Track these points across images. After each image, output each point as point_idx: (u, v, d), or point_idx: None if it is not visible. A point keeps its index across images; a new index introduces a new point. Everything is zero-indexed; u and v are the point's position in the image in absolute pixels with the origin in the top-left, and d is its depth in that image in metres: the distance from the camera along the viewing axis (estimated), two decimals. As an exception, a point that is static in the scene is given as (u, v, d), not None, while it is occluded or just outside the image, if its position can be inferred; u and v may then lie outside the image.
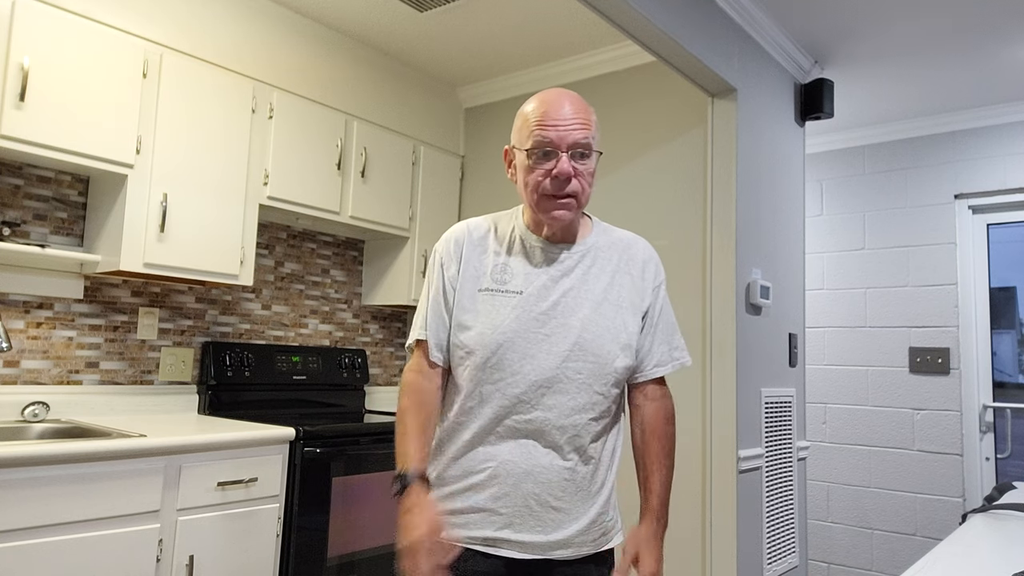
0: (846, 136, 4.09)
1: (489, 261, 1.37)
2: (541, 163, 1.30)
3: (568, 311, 1.32)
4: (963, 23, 2.82)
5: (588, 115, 1.32)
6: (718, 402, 2.66)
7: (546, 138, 1.29)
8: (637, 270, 1.41)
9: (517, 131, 1.36)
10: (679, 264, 2.90)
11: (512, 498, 1.28)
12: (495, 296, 1.33)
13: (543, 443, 1.29)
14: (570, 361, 1.30)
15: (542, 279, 1.34)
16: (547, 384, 1.29)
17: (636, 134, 3.10)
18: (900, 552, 3.74)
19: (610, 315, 1.34)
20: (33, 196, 2.46)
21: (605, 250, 1.40)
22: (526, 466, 1.28)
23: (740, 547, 2.59)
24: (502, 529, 1.28)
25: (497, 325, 1.30)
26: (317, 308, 3.37)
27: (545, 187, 1.30)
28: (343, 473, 2.56)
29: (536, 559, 1.29)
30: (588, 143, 1.31)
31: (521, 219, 1.41)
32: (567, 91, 1.34)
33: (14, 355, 2.40)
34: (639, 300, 1.39)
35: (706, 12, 2.55)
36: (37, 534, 1.82)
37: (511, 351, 1.29)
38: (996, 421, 3.66)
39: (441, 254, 1.40)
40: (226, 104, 2.64)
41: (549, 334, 1.30)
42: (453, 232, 1.42)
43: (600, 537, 1.35)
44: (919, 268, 3.83)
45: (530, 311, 1.31)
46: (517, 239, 1.38)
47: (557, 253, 1.36)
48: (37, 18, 2.16)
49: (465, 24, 3.03)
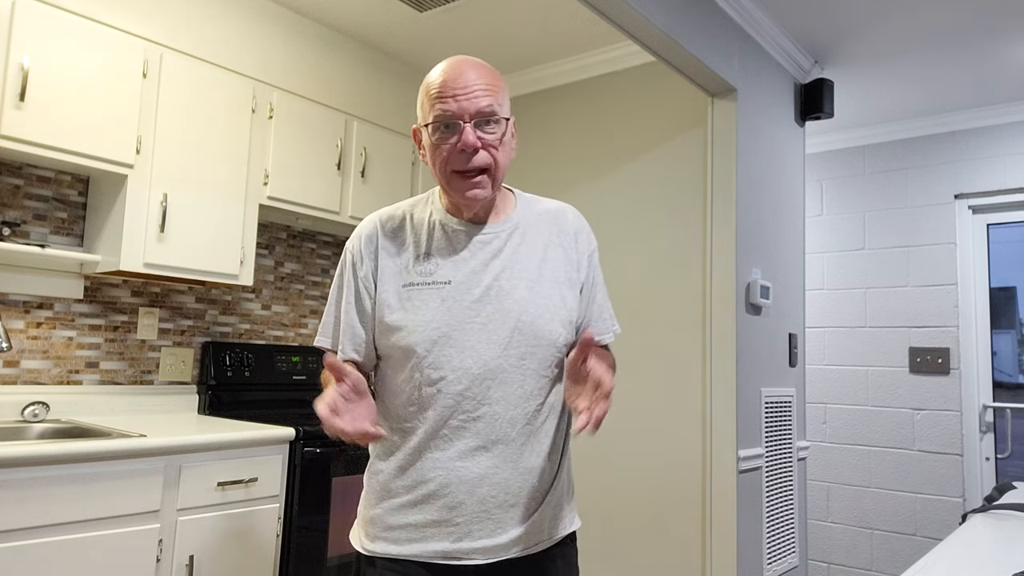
0: (846, 136, 4.09)
1: (409, 253, 1.27)
2: (446, 137, 1.20)
3: (503, 295, 1.22)
4: (963, 23, 2.81)
5: (492, 79, 1.22)
6: (718, 402, 2.66)
7: (447, 110, 1.19)
8: (569, 241, 1.32)
9: (420, 106, 1.25)
10: (679, 264, 2.91)
11: (468, 506, 1.20)
12: (422, 290, 1.23)
13: (494, 440, 1.20)
14: (511, 348, 1.21)
15: (470, 264, 1.24)
16: (491, 376, 1.20)
17: (636, 134, 3.10)
18: (900, 552, 3.73)
19: (547, 292, 1.25)
20: (33, 196, 2.46)
21: (533, 224, 1.31)
22: (479, 470, 1.20)
23: (740, 547, 2.59)
24: (460, 540, 1.20)
25: (429, 320, 1.21)
26: (317, 308, 3.37)
27: (452, 162, 1.20)
28: (343, 473, 2.56)
29: (498, 561, 1.22)
30: (493, 110, 1.20)
31: (438, 202, 1.31)
32: (469, 58, 1.24)
33: (14, 355, 2.40)
34: (575, 272, 1.31)
35: (706, 12, 2.55)
36: (37, 534, 1.82)
37: (447, 346, 1.20)
38: (996, 421, 3.66)
39: (352, 253, 1.31)
40: (226, 104, 2.64)
41: (485, 322, 1.21)
42: (363, 228, 1.32)
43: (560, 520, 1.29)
44: (919, 268, 3.83)
45: (462, 300, 1.22)
46: (437, 225, 1.28)
47: (482, 234, 1.26)
48: (37, 18, 2.16)
49: (465, 24, 3.03)
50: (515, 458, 1.22)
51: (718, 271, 2.72)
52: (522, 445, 1.22)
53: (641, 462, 2.91)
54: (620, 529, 2.92)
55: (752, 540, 2.70)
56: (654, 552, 2.83)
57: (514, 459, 1.22)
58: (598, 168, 3.19)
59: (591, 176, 3.20)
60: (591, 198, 3.15)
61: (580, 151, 3.25)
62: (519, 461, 1.22)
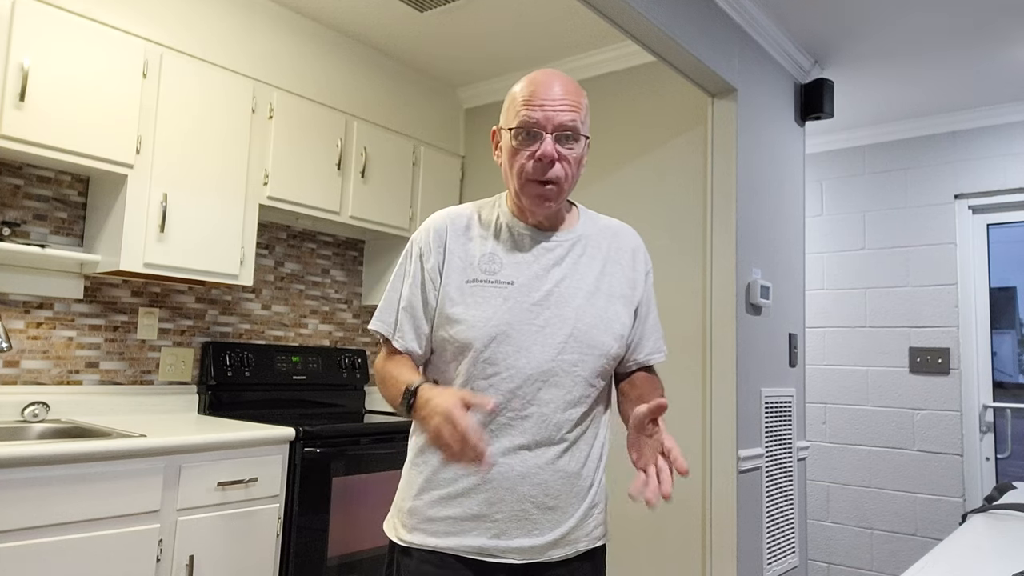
0: (846, 136, 4.09)
1: (476, 250, 1.30)
2: (526, 145, 1.24)
3: (562, 301, 1.26)
4: (963, 23, 2.81)
5: (578, 97, 1.27)
6: (718, 402, 2.66)
7: (532, 118, 1.23)
8: (627, 259, 1.38)
9: (505, 111, 1.30)
10: (679, 264, 2.91)
11: (508, 503, 1.22)
12: (485, 287, 1.26)
13: (539, 441, 1.23)
14: (565, 353, 1.24)
15: (533, 268, 1.28)
16: (543, 378, 1.23)
17: (636, 134, 3.10)
18: (900, 552, 3.73)
19: (603, 305, 1.30)
20: (33, 196, 2.46)
21: (594, 238, 1.36)
22: (522, 468, 1.22)
23: (740, 547, 2.59)
24: (498, 537, 1.22)
25: (489, 317, 1.24)
26: (317, 308, 3.37)
27: (528, 170, 1.24)
28: (343, 473, 2.56)
29: (532, 562, 1.24)
30: (575, 126, 1.25)
31: (505, 205, 1.35)
32: (559, 72, 1.28)
33: (14, 355, 2.40)
34: (630, 290, 1.35)
35: (706, 12, 2.55)
36: (37, 534, 1.82)
37: (505, 344, 1.23)
38: (996, 421, 3.66)
39: (420, 244, 1.33)
40: (226, 104, 2.64)
41: (543, 325, 1.24)
42: (433, 221, 1.34)
43: (594, 529, 1.32)
44: (919, 268, 3.83)
45: (523, 301, 1.25)
46: (504, 226, 1.32)
47: (547, 241, 1.31)
48: (37, 18, 2.16)
49: (465, 24, 3.03)
50: (556, 461, 1.25)
51: (718, 271, 2.72)
52: (564, 450, 1.26)
53: (641, 462, 2.90)
54: (620, 528, 2.92)
55: (752, 540, 2.70)
56: (654, 552, 2.83)
57: (555, 462, 1.24)
58: (598, 168, 3.19)
59: (591, 176, 3.20)
60: (591, 198, 3.15)
61: (580, 151, 3.25)
62: (560, 465, 1.25)
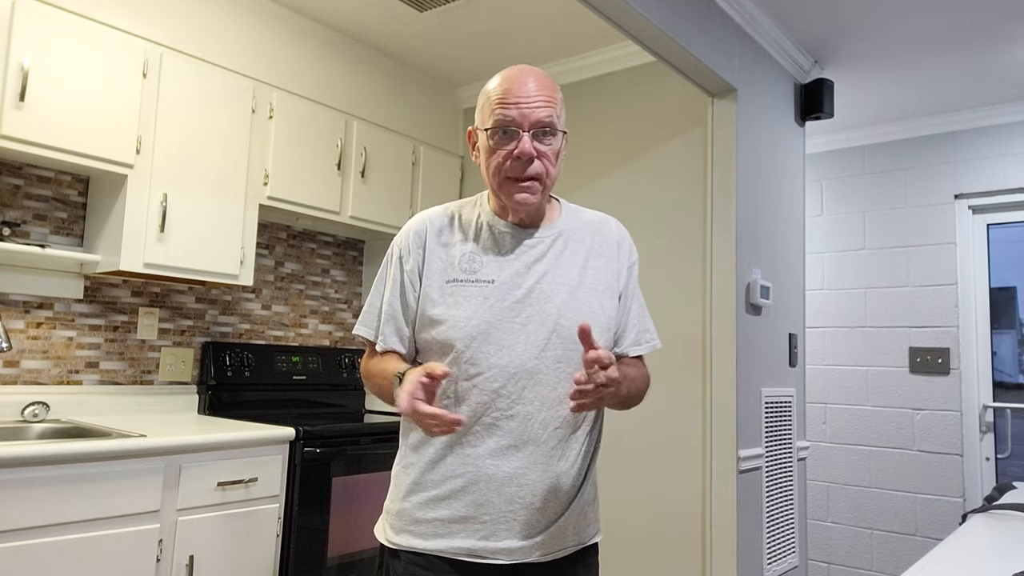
0: (846, 136, 4.09)
1: (456, 251, 1.30)
2: (503, 143, 1.24)
3: (543, 298, 1.26)
4: (963, 23, 2.81)
5: (553, 92, 1.26)
6: (718, 402, 2.66)
7: (508, 116, 1.22)
8: (611, 251, 1.37)
9: (480, 110, 1.29)
10: (679, 264, 2.90)
11: (495, 504, 1.21)
12: (465, 286, 1.26)
13: (526, 440, 1.22)
14: (549, 350, 1.24)
15: (514, 266, 1.28)
16: (526, 376, 1.22)
17: (636, 134, 3.10)
18: (900, 552, 3.73)
19: (587, 299, 1.29)
20: (33, 196, 2.46)
21: (577, 232, 1.35)
22: (509, 469, 1.21)
23: (740, 547, 2.59)
24: (486, 539, 1.22)
25: (469, 317, 1.24)
26: (317, 308, 3.37)
27: (507, 169, 1.24)
28: (343, 473, 2.56)
29: (521, 563, 1.23)
30: (552, 121, 1.24)
31: (487, 204, 1.35)
32: (531, 68, 1.27)
33: (14, 355, 2.40)
34: (615, 282, 1.35)
35: (706, 12, 2.55)
36: (37, 534, 1.82)
37: (486, 343, 1.22)
38: (996, 421, 3.66)
39: (400, 247, 1.33)
40: (226, 104, 2.64)
41: (525, 323, 1.24)
42: (412, 224, 1.34)
43: (586, 528, 1.31)
44: (919, 268, 3.83)
45: (503, 300, 1.25)
46: (484, 226, 1.32)
47: (527, 238, 1.30)
48: (37, 18, 2.16)
49: (465, 24, 3.03)
50: (545, 460, 1.24)
51: (718, 271, 2.72)
52: (553, 448, 1.24)
53: (641, 461, 2.91)
54: (620, 528, 2.91)
55: (752, 540, 2.70)
56: (654, 551, 2.83)
57: (544, 461, 1.23)
58: (598, 168, 3.19)
59: (591, 176, 3.20)
60: (591, 198, 3.15)
61: (580, 151, 3.25)
62: (548, 464, 1.24)
